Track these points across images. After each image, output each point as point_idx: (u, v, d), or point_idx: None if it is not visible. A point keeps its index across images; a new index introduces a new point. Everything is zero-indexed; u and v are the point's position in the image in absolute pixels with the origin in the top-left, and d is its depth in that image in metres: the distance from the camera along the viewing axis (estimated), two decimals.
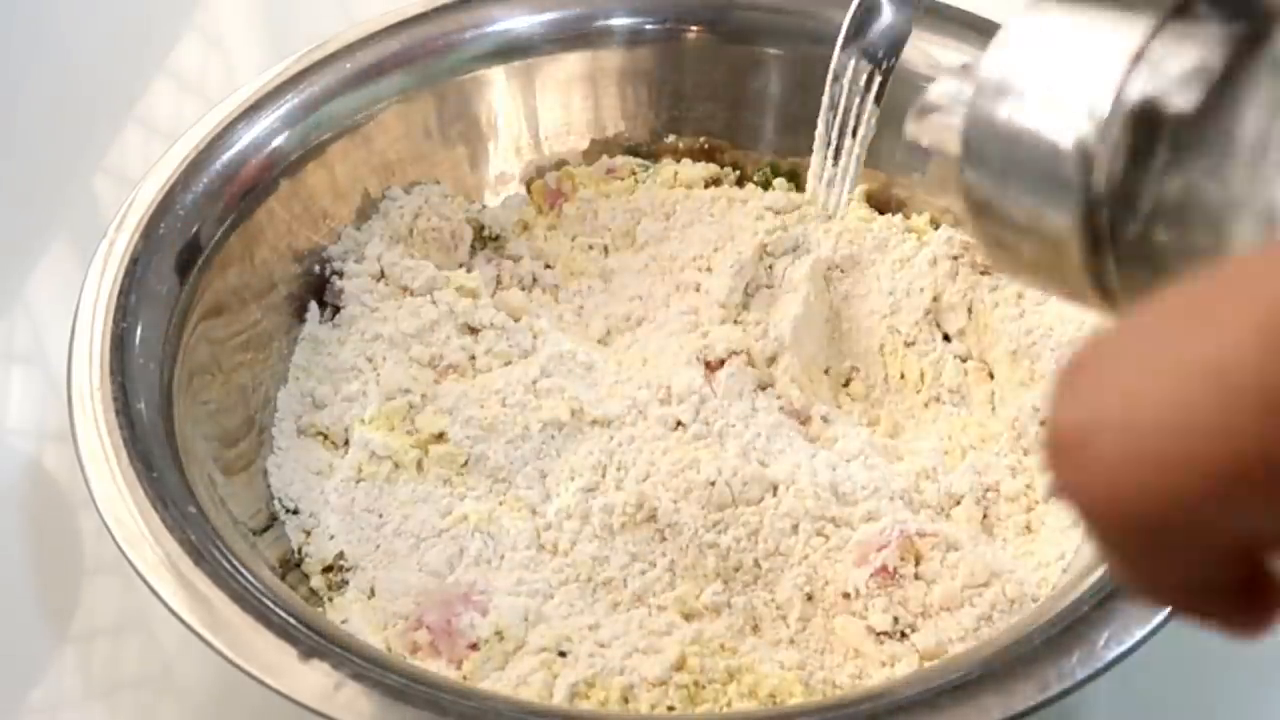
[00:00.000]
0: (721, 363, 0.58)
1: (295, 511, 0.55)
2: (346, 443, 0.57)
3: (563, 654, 0.49)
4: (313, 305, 0.61)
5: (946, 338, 0.61)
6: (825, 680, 0.49)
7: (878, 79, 0.54)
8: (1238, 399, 0.18)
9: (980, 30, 0.61)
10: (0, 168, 0.74)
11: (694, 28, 0.67)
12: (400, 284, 0.61)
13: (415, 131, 0.65)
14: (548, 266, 0.65)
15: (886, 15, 0.54)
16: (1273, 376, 0.18)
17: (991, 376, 0.60)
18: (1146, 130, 0.24)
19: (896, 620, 0.49)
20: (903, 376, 0.61)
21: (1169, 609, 0.22)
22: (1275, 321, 0.18)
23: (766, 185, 0.67)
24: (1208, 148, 0.23)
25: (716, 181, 0.68)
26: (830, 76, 0.55)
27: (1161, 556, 0.20)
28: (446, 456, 0.55)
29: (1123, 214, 0.24)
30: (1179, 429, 0.19)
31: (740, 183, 0.68)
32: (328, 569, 0.53)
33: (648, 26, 0.67)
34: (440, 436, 0.56)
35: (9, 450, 0.61)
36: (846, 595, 0.50)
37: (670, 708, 0.47)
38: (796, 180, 0.67)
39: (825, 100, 0.56)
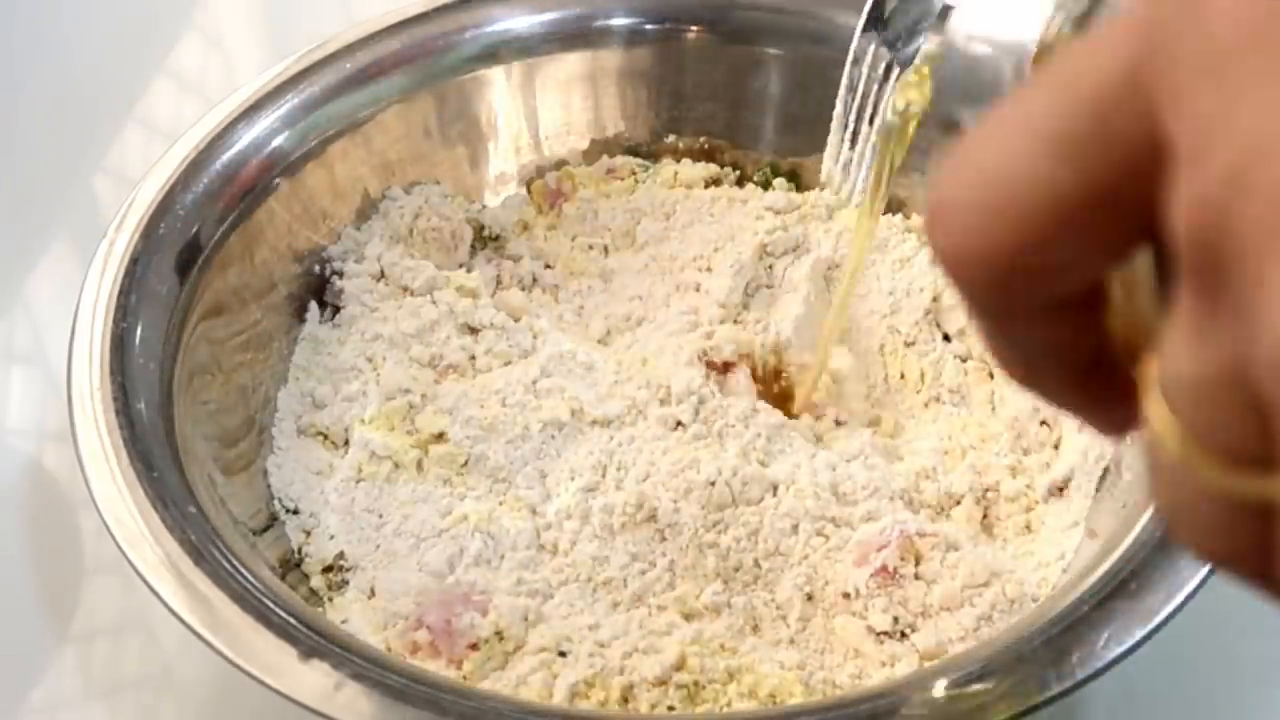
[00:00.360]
0: (726, 365, 0.58)
1: (295, 511, 0.55)
2: (346, 443, 0.57)
3: (563, 654, 0.49)
4: (313, 305, 0.61)
5: (946, 338, 0.61)
6: (825, 680, 0.49)
7: (896, 70, 0.54)
8: (1043, 145, 0.21)
9: None
10: (0, 168, 0.74)
11: (694, 28, 0.67)
12: (400, 284, 0.61)
13: (415, 131, 0.65)
14: (548, 266, 0.65)
15: (908, 3, 0.54)
16: (1069, 123, 0.21)
17: (992, 376, 0.60)
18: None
19: (896, 620, 0.49)
20: (903, 376, 0.61)
21: (1038, 393, 0.25)
22: (1075, 75, 0.21)
23: (766, 185, 0.67)
24: None
25: (716, 181, 0.68)
26: (850, 59, 0.55)
27: (1010, 309, 0.23)
28: (446, 456, 0.55)
29: None
30: (1004, 180, 0.21)
31: (740, 183, 0.68)
32: (328, 569, 0.53)
33: (648, 26, 0.67)
34: (440, 436, 0.56)
35: (9, 450, 0.61)
36: (846, 595, 0.50)
37: (670, 708, 0.47)
38: (797, 180, 0.67)
39: (845, 81, 0.55)
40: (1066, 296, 0.23)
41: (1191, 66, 0.19)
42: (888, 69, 0.54)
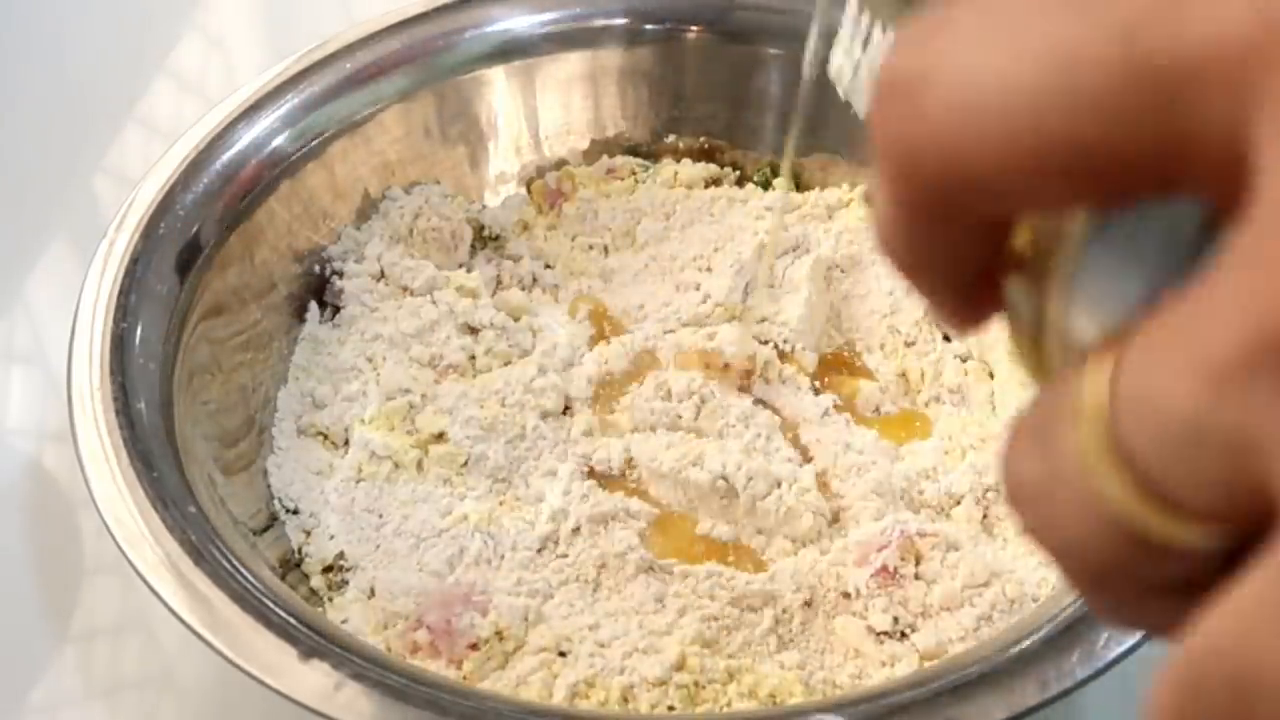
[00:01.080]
0: (726, 366, 0.58)
1: (295, 511, 0.55)
2: (346, 443, 0.57)
3: (563, 654, 0.49)
4: (313, 305, 0.61)
5: (946, 338, 0.61)
6: (825, 680, 0.49)
7: None
8: (1082, 85, 0.18)
9: None
10: (0, 167, 0.74)
11: (694, 28, 0.67)
12: (400, 284, 0.61)
13: (415, 131, 0.65)
14: (548, 266, 0.65)
15: None
16: (1120, 83, 0.18)
17: (992, 376, 0.60)
18: None
19: (896, 620, 0.49)
20: (903, 376, 0.61)
21: (912, 281, 0.22)
22: (1139, 23, 0.18)
23: (766, 185, 0.67)
24: None
25: (716, 181, 0.68)
26: None
27: (937, 211, 0.20)
28: (446, 456, 0.55)
29: None
30: (1016, 99, 0.18)
31: (740, 183, 0.68)
32: (328, 569, 0.53)
33: (648, 26, 0.67)
34: (440, 436, 0.56)
35: (9, 450, 0.61)
36: (846, 595, 0.50)
37: (670, 708, 0.47)
38: (797, 180, 0.67)
39: None
40: (1005, 216, 0.20)
41: None
42: None
